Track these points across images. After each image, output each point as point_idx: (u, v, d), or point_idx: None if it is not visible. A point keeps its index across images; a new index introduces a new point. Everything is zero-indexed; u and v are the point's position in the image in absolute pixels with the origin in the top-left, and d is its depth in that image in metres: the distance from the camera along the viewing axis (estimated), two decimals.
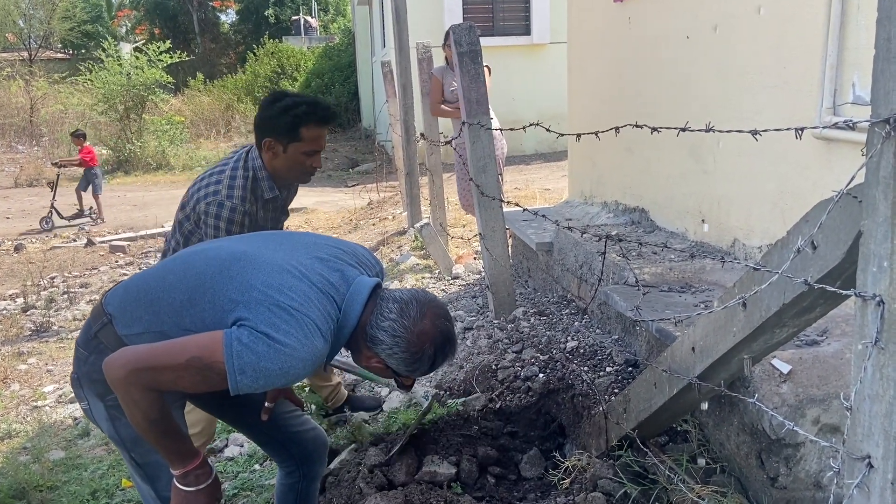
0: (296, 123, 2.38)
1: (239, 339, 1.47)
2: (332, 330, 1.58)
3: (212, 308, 1.57)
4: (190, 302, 1.59)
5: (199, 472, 1.62)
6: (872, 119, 1.05)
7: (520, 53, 11.83)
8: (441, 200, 6.44)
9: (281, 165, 2.46)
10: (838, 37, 2.48)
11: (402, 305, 1.61)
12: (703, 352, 1.79)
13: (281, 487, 2.18)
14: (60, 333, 5.96)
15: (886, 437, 1.08)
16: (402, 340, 1.59)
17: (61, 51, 28.36)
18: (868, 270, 1.09)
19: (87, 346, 1.71)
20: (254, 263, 1.61)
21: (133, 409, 1.52)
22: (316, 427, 2.16)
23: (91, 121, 16.83)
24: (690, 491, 2.02)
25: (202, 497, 1.63)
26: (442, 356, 1.65)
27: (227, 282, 1.58)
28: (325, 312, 1.56)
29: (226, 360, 1.46)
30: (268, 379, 1.48)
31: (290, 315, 1.50)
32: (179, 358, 1.49)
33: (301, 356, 1.49)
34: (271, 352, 1.46)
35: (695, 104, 3.39)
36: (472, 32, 3.42)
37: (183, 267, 1.68)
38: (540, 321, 3.59)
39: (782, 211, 2.84)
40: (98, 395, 1.71)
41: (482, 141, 3.52)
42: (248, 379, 1.47)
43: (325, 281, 1.61)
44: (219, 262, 1.64)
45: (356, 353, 1.69)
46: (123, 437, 1.74)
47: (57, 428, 4.08)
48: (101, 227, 10.37)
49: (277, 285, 1.54)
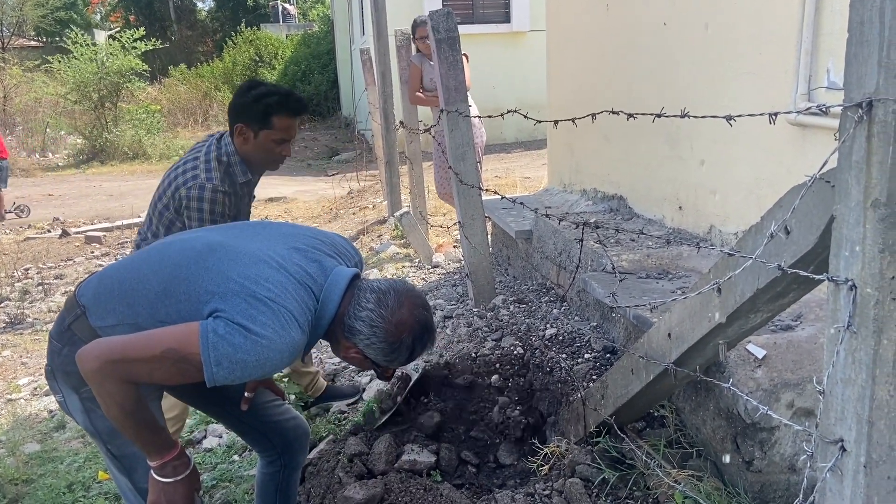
0: (268, 112, 2.44)
1: (215, 330, 1.45)
2: (309, 321, 1.56)
3: (187, 300, 1.55)
4: (165, 293, 1.57)
5: (177, 463, 1.60)
6: (845, 103, 1.05)
7: (500, 41, 11.79)
8: (421, 189, 6.42)
9: (251, 151, 2.52)
10: (813, 22, 2.48)
11: (380, 295, 1.60)
12: (679, 338, 1.80)
13: (261, 477, 2.17)
14: (35, 325, 5.87)
15: (859, 420, 1.09)
16: (380, 330, 1.58)
17: (34, 38, 27.86)
18: (840, 255, 1.10)
19: (60, 338, 1.69)
20: (230, 254, 1.59)
21: (108, 401, 1.50)
22: (297, 416, 2.15)
23: (65, 109, 16.57)
24: (667, 476, 2.03)
25: (180, 488, 1.61)
26: (420, 345, 1.64)
27: (203, 273, 1.56)
28: (303, 303, 1.55)
29: (202, 352, 1.44)
30: (244, 370, 1.46)
31: (266, 306, 1.48)
32: (154, 350, 1.47)
33: (278, 347, 1.47)
34: (248, 343, 1.44)
35: (672, 91, 3.39)
36: (449, 18, 3.40)
37: (158, 258, 1.66)
38: (519, 309, 3.60)
39: (758, 197, 2.86)
40: (73, 387, 1.68)
41: (461, 129, 3.50)
42: (224, 371, 1.45)
43: (302, 272, 1.59)
44: (195, 252, 1.62)
45: (334, 343, 1.68)
46: (99, 430, 1.71)
47: (32, 421, 4.03)
48: (77, 217, 10.22)
49: (254, 276, 1.52)
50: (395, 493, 2.29)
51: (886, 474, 1.10)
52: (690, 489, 2.00)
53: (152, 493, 1.61)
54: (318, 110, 18.61)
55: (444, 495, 2.28)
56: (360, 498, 2.25)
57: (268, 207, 9.67)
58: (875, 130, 1.00)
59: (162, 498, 1.60)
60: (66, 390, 1.71)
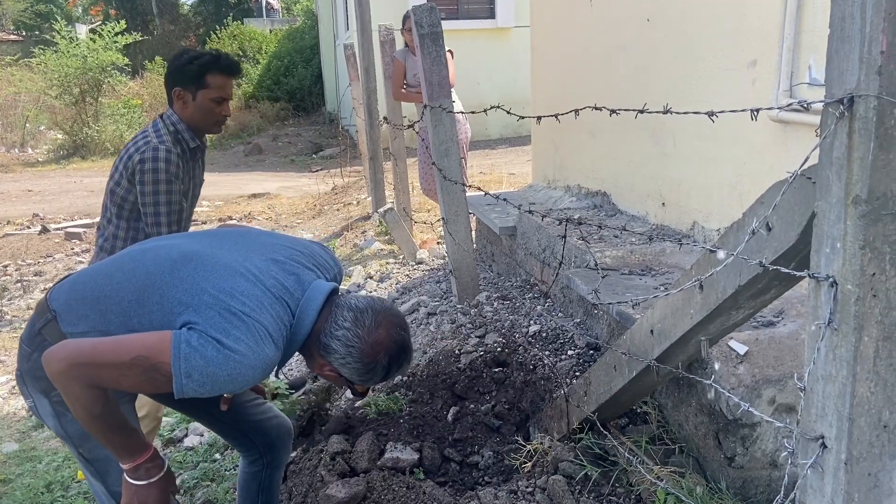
0: (201, 71, 2.54)
1: (188, 341, 1.42)
2: (284, 337, 1.54)
3: (160, 310, 1.52)
4: (138, 302, 1.54)
5: (150, 466, 1.58)
6: (826, 99, 1.05)
7: (484, 37, 11.77)
8: (405, 185, 6.40)
9: (192, 114, 2.59)
10: (795, 19, 2.49)
11: (357, 314, 1.58)
12: (661, 334, 1.80)
13: (244, 476, 2.14)
14: (14, 323, 5.80)
15: (839, 417, 1.09)
16: (356, 350, 1.56)
17: (14, 32, 27.50)
18: (821, 251, 1.09)
19: (30, 342, 1.66)
20: (205, 265, 1.56)
21: (75, 405, 1.47)
22: (279, 414, 2.13)
23: (45, 104, 16.35)
24: (650, 472, 2.03)
25: (153, 490, 1.59)
26: (396, 366, 1.62)
27: (177, 283, 1.53)
28: (278, 318, 1.52)
29: (172, 363, 1.41)
30: (215, 385, 1.43)
31: (241, 321, 1.45)
32: (124, 356, 1.44)
33: (251, 363, 1.44)
34: (220, 357, 1.41)
35: (655, 87, 3.40)
36: (433, 13, 3.38)
37: (132, 265, 1.63)
38: (503, 305, 3.59)
39: (740, 194, 2.87)
40: (42, 391, 1.66)
41: (444, 125, 3.49)
42: (194, 383, 1.42)
43: (279, 285, 1.56)
44: (169, 262, 1.58)
45: (310, 359, 1.66)
46: (70, 434, 1.69)
47: (10, 420, 3.97)
48: (57, 213, 10.10)
49: (229, 289, 1.50)
50: (378, 491, 2.28)
51: (867, 471, 1.10)
52: (673, 485, 2.00)
53: (125, 496, 1.58)
54: (301, 105, 18.50)
55: (426, 493, 2.26)
56: (343, 496, 2.23)
57: (251, 203, 9.61)
58: (856, 126, 1.00)
59: (135, 501, 1.58)
60: (35, 395, 1.68)
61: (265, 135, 15.83)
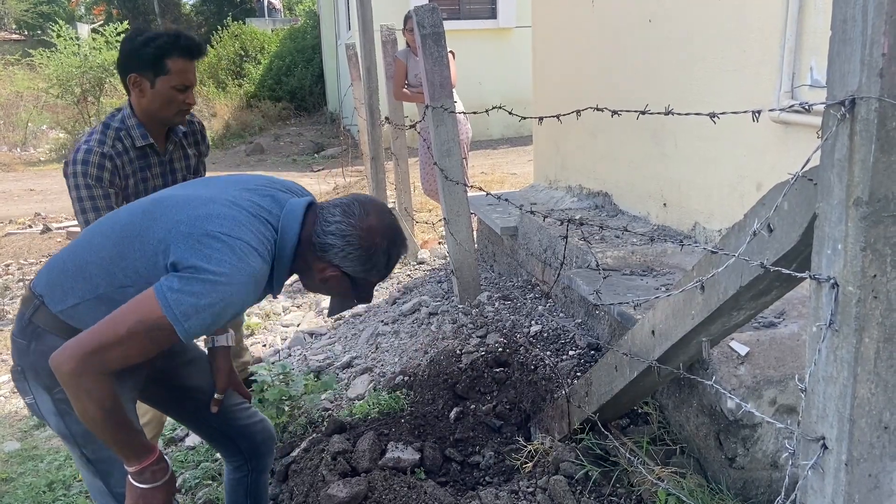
0: (159, 54, 2.24)
1: (170, 287, 1.42)
2: (270, 251, 1.54)
3: (142, 255, 1.51)
4: (120, 256, 1.54)
5: (156, 468, 1.58)
6: (828, 101, 1.05)
7: (486, 37, 11.78)
8: (406, 185, 6.40)
9: (151, 103, 2.31)
10: (797, 20, 2.49)
11: (344, 207, 1.59)
12: (663, 335, 1.80)
13: (230, 482, 2.14)
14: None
15: (840, 418, 1.09)
16: (353, 238, 1.56)
17: (16, 32, 27.53)
18: (823, 253, 1.10)
19: (24, 334, 1.63)
20: (178, 201, 1.56)
21: (86, 402, 1.46)
22: (264, 419, 2.13)
23: (47, 104, 16.38)
24: (650, 473, 2.03)
25: (159, 494, 1.58)
26: (395, 250, 1.63)
27: (152, 224, 1.53)
28: (260, 234, 1.52)
29: (166, 313, 1.41)
30: (213, 313, 1.44)
31: (220, 241, 1.45)
32: (121, 329, 1.43)
33: (239, 280, 1.44)
34: (208, 287, 1.42)
35: (657, 88, 3.40)
36: (434, 14, 3.38)
37: (108, 224, 1.62)
38: (504, 305, 3.59)
39: (741, 194, 2.87)
40: (45, 387, 1.64)
41: (446, 125, 3.49)
42: (194, 322, 1.43)
43: (255, 206, 1.57)
44: (141, 208, 1.59)
45: (306, 272, 1.64)
46: (74, 433, 1.67)
47: (12, 418, 3.98)
48: (58, 212, 10.11)
49: (204, 215, 1.50)
50: (379, 490, 2.28)
51: (867, 472, 1.10)
52: (673, 486, 2.00)
53: (130, 499, 1.58)
54: (303, 105, 18.50)
55: (427, 493, 2.27)
56: (344, 496, 2.24)
57: None
58: (857, 128, 1.00)
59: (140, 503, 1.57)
60: (37, 391, 1.66)
61: (267, 134, 15.84)
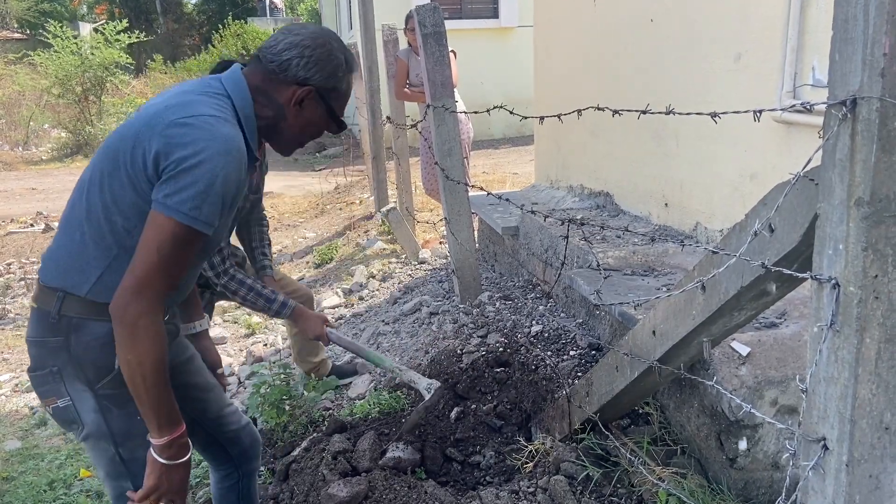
0: None
1: (165, 195, 1.43)
2: (233, 114, 1.55)
3: (118, 180, 1.52)
4: (112, 201, 1.53)
5: (182, 443, 1.55)
6: (829, 101, 1.04)
7: (488, 37, 11.77)
8: (408, 185, 6.41)
9: None
10: (799, 20, 2.49)
11: (282, 30, 1.62)
12: (664, 335, 1.79)
13: (220, 490, 2.13)
14: (17, 321, 5.81)
15: (841, 419, 1.09)
16: (306, 43, 1.59)
17: (18, 31, 27.54)
18: (824, 253, 1.09)
19: (56, 331, 1.58)
20: (127, 124, 1.57)
21: (145, 348, 1.45)
22: (248, 422, 2.12)
23: (48, 103, 16.39)
24: (651, 473, 2.03)
25: (181, 472, 1.56)
26: (348, 53, 1.66)
27: (121, 144, 1.53)
28: (215, 104, 1.53)
29: (177, 219, 1.43)
30: (217, 193, 1.45)
31: (183, 126, 1.46)
32: (153, 257, 1.44)
33: (219, 150, 1.45)
34: (194, 172, 1.42)
35: (658, 88, 3.39)
36: (436, 13, 3.38)
37: (78, 190, 1.62)
38: (505, 305, 3.59)
39: (742, 194, 2.86)
40: (87, 383, 1.60)
41: (447, 124, 3.49)
42: (206, 210, 1.44)
43: (198, 88, 1.58)
44: (105, 145, 1.60)
45: (278, 126, 1.65)
46: (113, 430, 1.63)
47: (13, 417, 3.98)
48: (60, 211, 10.10)
49: (158, 113, 1.50)
50: (380, 490, 2.28)
51: (868, 473, 1.10)
52: (674, 486, 2.00)
53: (152, 477, 1.54)
54: None
55: (428, 493, 2.27)
56: (344, 495, 2.24)
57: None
58: (859, 128, 1.00)
59: (163, 481, 1.54)
60: (75, 390, 1.61)
61: None
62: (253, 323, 5.09)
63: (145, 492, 1.55)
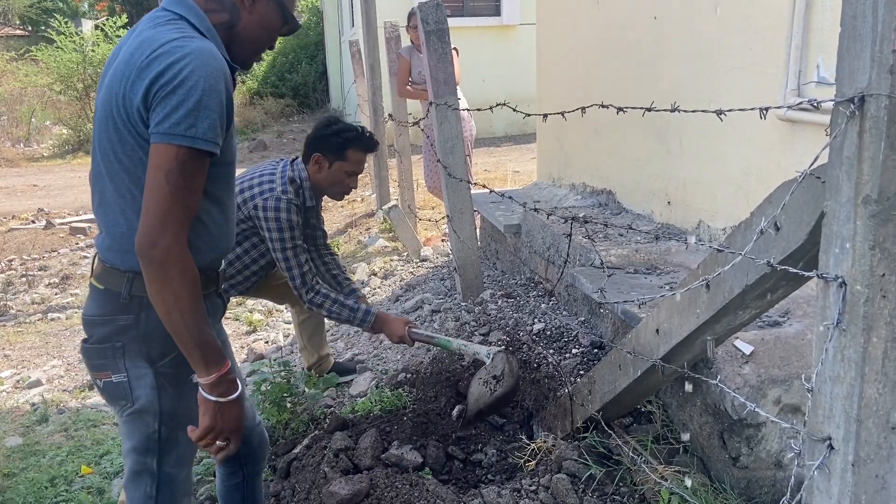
0: (344, 145, 2.78)
1: (157, 124, 1.42)
2: (196, 33, 1.53)
3: (128, 148, 1.51)
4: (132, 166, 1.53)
5: (231, 378, 1.54)
6: (837, 98, 1.04)
7: (490, 34, 11.75)
8: (409, 182, 6.40)
9: (323, 179, 2.84)
10: (803, 18, 2.48)
11: None
12: (667, 334, 1.79)
13: (225, 488, 2.12)
14: (18, 317, 5.81)
15: (847, 418, 1.08)
16: None
17: (20, 27, 27.53)
18: (830, 252, 1.09)
19: (127, 310, 1.58)
20: (104, 93, 1.55)
21: (180, 284, 1.44)
22: (260, 422, 2.12)
23: (50, 100, 16.38)
24: (654, 472, 2.02)
25: (234, 409, 1.55)
26: None
27: (109, 123, 1.53)
28: (174, 28, 1.51)
29: (176, 143, 1.41)
30: (209, 107, 1.43)
31: (156, 59, 1.44)
32: (164, 190, 1.42)
33: (198, 63, 1.43)
34: (179, 90, 1.41)
35: (662, 86, 3.38)
36: (438, 10, 3.37)
37: (94, 169, 1.63)
38: (507, 303, 3.59)
39: (746, 193, 2.85)
40: (149, 360, 1.60)
41: (449, 122, 3.48)
42: (202, 126, 1.42)
43: (150, 25, 1.55)
44: (96, 135, 1.60)
45: (236, 28, 1.62)
46: (164, 409, 1.63)
47: (14, 414, 3.98)
48: (62, 208, 10.11)
49: (126, 61, 1.49)
50: (381, 488, 2.28)
51: (874, 473, 1.09)
52: (677, 485, 1.99)
53: (207, 417, 1.53)
54: (306, 102, 18.47)
55: (429, 490, 2.26)
56: (346, 493, 2.23)
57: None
58: (867, 126, 0.99)
59: (219, 420, 1.53)
60: (134, 366, 1.61)
61: (270, 131, 15.83)
62: (254, 320, 5.09)
63: (202, 432, 1.54)
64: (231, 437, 1.58)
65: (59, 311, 5.92)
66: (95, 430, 3.61)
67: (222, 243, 1.71)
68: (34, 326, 5.60)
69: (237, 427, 1.58)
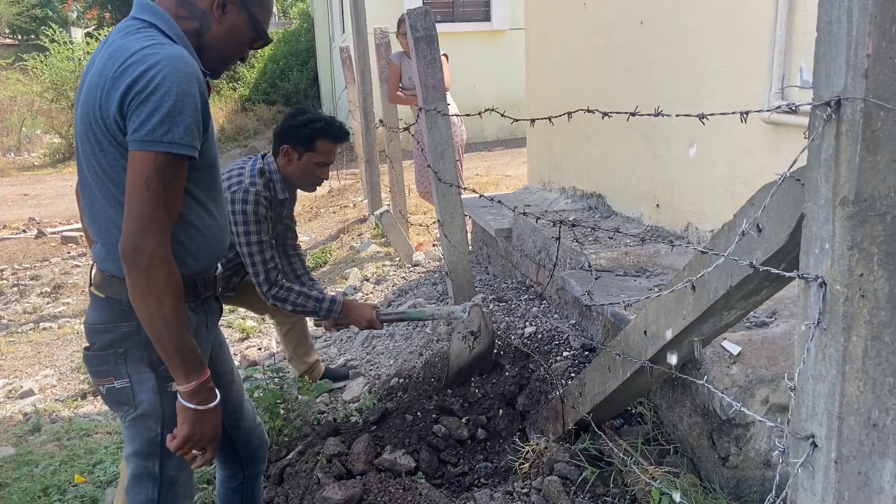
0: (313, 136, 2.74)
1: (133, 132, 1.43)
2: (166, 39, 1.53)
3: (112, 160, 1.51)
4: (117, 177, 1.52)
5: (210, 386, 1.55)
6: (814, 102, 1.06)
7: (480, 40, 11.79)
8: (401, 188, 6.41)
9: (293, 171, 2.79)
10: (786, 22, 2.51)
11: None
12: (655, 335, 1.81)
13: (225, 490, 2.13)
14: (10, 327, 5.79)
15: (829, 416, 1.10)
16: None
17: (9, 36, 27.44)
18: (811, 252, 1.10)
19: (129, 317, 1.58)
20: (81, 108, 1.55)
21: (163, 289, 1.45)
22: (261, 424, 2.13)
23: (41, 108, 16.34)
24: (644, 472, 2.04)
25: (212, 417, 1.56)
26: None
27: (90, 137, 1.53)
28: (144, 36, 1.51)
29: (154, 150, 1.42)
30: (184, 111, 1.43)
31: (128, 70, 1.44)
32: (144, 195, 1.43)
33: (168, 70, 1.43)
34: (153, 97, 1.41)
35: (649, 90, 3.41)
36: (427, 17, 3.38)
37: (81, 184, 1.63)
38: (499, 307, 3.60)
39: (733, 195, 2.88)
40: (151, 364, 1.62)
41: (439, 127, 3.49)
42: (177, 132, 1.43)
43: (119, 36, 1.55)
44: (79, 148, 1.59)
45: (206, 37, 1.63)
46: (165, 412, 1.64)
47: (6, 424, 3.97)
48: (53, 217, 10.07)
49: (99, 73, 1.49)
50: (374, 493, 2.29)
51: (857, 469, 1.11)
52: (667, 486, 2.01)
53: (186, 427, 1.54)
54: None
55: (422, 494, 2.27)
56: (339, 498, 2.24)
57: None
58: (843, 129, 1.01)
59: (198, 428, 1.54)
60: (137, 371, 1.63)
61: (261, 138, 15.82)
62: (247, 327, 5.09)
63: (181, 440, 1.56)
64: (209, 445, 1.59)
65: (51, 321, 5.90)
66: (88, 440, 3.60)
67: (216, 246, 1.72)
68: (26, 336, 5.58)
69: (215, 436, 1.59)
